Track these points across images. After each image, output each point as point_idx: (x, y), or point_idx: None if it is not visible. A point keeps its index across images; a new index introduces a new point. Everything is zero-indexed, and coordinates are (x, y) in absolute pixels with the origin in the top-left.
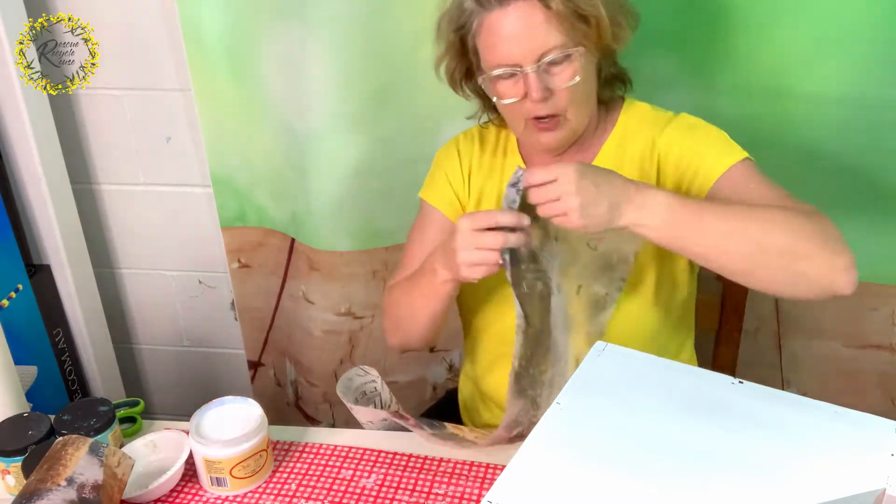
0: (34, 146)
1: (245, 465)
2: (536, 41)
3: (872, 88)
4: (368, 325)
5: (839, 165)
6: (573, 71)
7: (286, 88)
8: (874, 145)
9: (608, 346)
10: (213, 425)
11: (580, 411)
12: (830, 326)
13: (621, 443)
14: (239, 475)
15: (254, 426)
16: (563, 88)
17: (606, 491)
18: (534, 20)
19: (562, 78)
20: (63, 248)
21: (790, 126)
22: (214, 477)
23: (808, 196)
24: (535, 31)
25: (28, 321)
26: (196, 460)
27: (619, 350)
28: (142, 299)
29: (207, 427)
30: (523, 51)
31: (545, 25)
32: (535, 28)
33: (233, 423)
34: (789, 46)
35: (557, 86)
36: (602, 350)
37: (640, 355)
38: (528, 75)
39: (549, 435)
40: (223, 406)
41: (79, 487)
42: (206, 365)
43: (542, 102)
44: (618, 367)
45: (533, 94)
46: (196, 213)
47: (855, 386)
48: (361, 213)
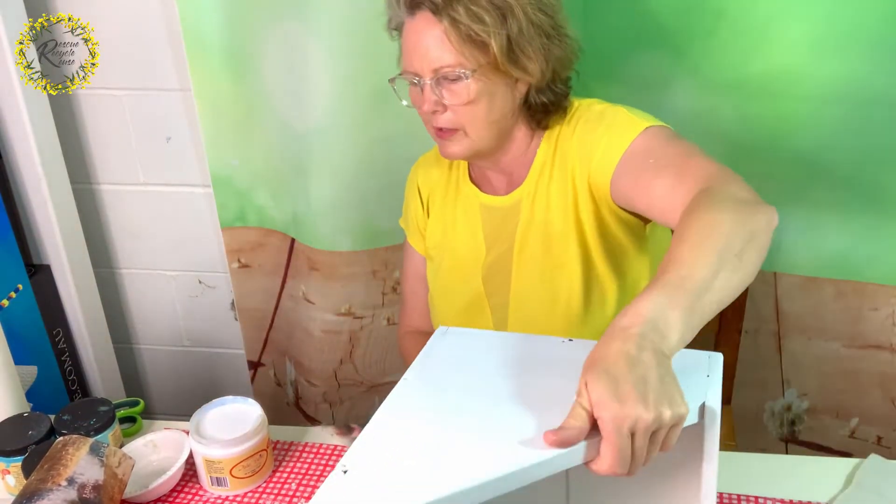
0: (34, 146)
1: (245, 465)
2: (431, 55)
3: (872, 88)
4: (368, 325)
5: (839, 165)
6: (468, 92)
7: (286, 88)
8: (874, 145)
9: (449, 329)
10: (213, 425)
11: (426, 383)
12: (830, 326)
13: (464, 402)
14: (239, 475)
15: (254, 426)
16: (457, 105)
17: (449, 447)
18: (431, 34)
19: (455, 96)
20: (63, 248)
21: (790, 126)
22: (214, 477)
23: (809, 196)
24: (431, 45)
25: (28, 321)
26: (196, 460)
27: (460, 330)
28: (142, 299)
29: (207, 427)
30: (421, 62)
31: (440, 41)
32: (431, 42)
33: (233, 423)
34: (789, 46)
35: (451, 102)
36: (444, 333)
37: (478, 332)
38: (424, 86)
39: (397, 405)
40: (223, 406)
41: (79, 487)
42: (206, 365)
43: (436, 115)
44: (459, 344)
45: (423, 106)
46: (196, 213)
47: (855, 386)
48: (361, 213)
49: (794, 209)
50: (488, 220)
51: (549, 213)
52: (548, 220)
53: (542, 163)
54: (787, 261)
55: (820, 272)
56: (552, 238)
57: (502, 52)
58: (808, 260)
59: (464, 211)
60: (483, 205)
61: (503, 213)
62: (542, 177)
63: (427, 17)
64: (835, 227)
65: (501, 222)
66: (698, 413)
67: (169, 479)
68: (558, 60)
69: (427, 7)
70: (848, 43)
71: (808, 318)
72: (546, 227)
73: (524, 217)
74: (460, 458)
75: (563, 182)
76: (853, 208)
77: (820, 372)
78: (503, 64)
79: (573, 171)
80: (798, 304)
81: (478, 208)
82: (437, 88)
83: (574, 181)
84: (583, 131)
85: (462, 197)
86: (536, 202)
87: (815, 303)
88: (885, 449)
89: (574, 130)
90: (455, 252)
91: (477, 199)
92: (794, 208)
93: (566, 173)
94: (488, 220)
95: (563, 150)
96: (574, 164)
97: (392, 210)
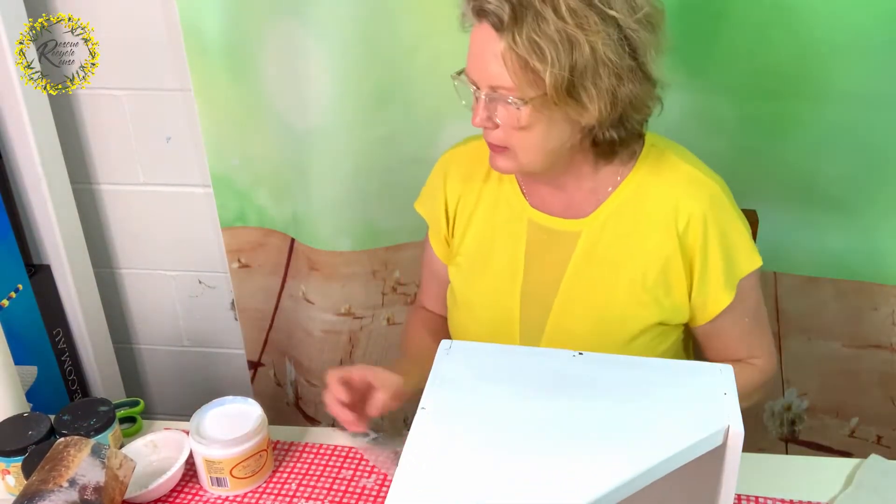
0: (34, 146)
1: (245, 465)
2: (489, 70)
3: (872, 88)
4: (368, 325)
5: (839, 165)
6: (519, 118)
7: (286, 88)
8: (874, 145)
9: (453, 343)
10: (214, 425)
11: (444, 412)
12: (830, 326)
13: (487, 431)
14: (239, 475)
15: (254, 426)
16: (508, 127)
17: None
18: (491, 49)
19: (508, 118)
20: (63, 248)
21: (790, 126)
22: (215, 477)
23: (809, 196)
24: (490, 60)
25: (28, 321)
26: (196, 460)
27: (465, 345)
28: (142, 299)
29: (208, 427)
30: (480, 74)
31: (498, 60)
32: (490, 57)
33: (233, 423)
34: (789, 46)
35: (503, 123)
36: (449, 348)
37: (483, 346)
38: (479, 98)
39: (423, 439)
40: (223, 406)
41: (80, 489)
42: (206, 365)
43: (484, 129)
44: (467, 361)
45: (474, 119)
46: (196, 213)
47: (855, 386)
48: (361, 213)
49: (794, 209)
50: (535, 240)
51: (619, 261)
52: (616, 265)
53: (619, 205)
54: (787, 261)
55: (820, 272)
56: (618, 286)
57: (558, 89)
58: (808, 260)
59: (506, 222)
60: (532, 221)
61: (556, 237)
62: (616, 220)
63: (488, 30)
64: (835, 227)
65: (551, 246)
66: (722, 436)
67: (168, 479)
68: (629, 102)
69: (489, 22)
70: (848, 43)
71: (808, 318)
72: (613, 272)
73: (582, 250)
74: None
75: (647, 240)
76: (853, 208)
77: (820, 372)
78: (558, 100)
79: (671, 248)
80: (798, 304)
81: (525, 223)
82: (490, 104)
83: (668, 259)
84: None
85: (505, 205)
86: (603, 242)
87: (815, 303)
88: (885, 448)
89: (669, 194)
90: (490, 266)
91: (525, 213)
92: (794, 208)
93: (654, 234)
94: (535, 239)
95: (651, 206)
96: (673, 248)
97: (392, 210)
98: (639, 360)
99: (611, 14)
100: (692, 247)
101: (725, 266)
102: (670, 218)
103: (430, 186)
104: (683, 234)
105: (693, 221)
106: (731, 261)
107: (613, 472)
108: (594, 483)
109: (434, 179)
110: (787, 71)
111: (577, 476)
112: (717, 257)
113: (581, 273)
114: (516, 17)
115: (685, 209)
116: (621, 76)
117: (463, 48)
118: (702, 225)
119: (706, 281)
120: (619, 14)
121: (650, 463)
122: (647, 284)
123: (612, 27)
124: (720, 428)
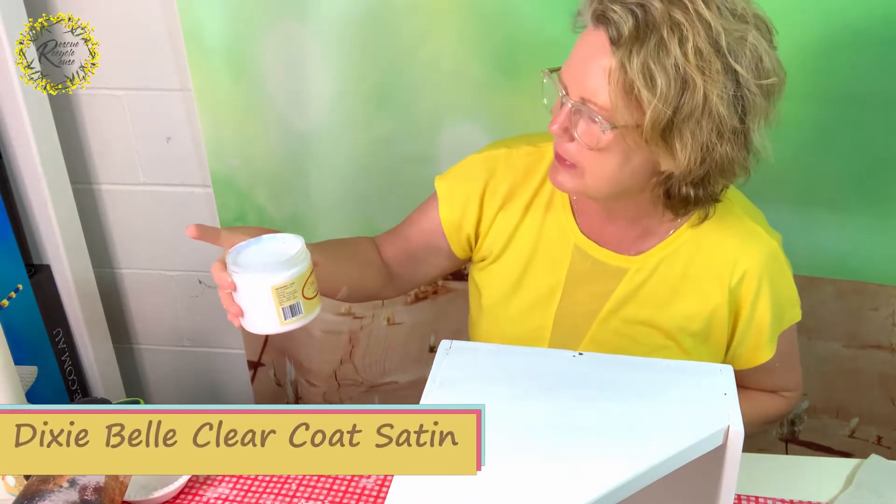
0: (34, 146)
1: (311, 281)
2: (586, 81)
3: (872, 88)
4: (368, 325)
5: (839, 165)
6: (598, 139)
7: (286, 88)
8: (874, 145)
9: (453, 343)
10: (261, 258)
11: None
12: (830, 326)
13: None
14: (309, 294)
15: (299, 243)
16: (584, 145)
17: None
18: (596, 61)
19: (587, 136)
20: (63, 248)
21: (790, 126)
22: (288, 306)
23: (809, 196)
24: (591, 71)
25: (28, 321)
26: (258, 301)
27: (463, 345)
28: (142, 299)
29: (254, 261)
30: (574, 80)
31: (601, 74)
32: (594, 68)
33: (276, 249)
34: (789, 46)
35: (581, 138)
36: (448, 348)
37: (483, 346)
38: (565, 105)
39: None
40: (259, 244)
41: (81, 489)
42: (206, 365)
43: (559, 139)
44: (467, 361)
45: (552, 125)
46: (196, 213)
47: (855, 386)
48: (361, 213)
49: (794, 209)
50: (578, 267)
51: (663, 305)
52: (659, 309)
53: (674, 250)
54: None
55: (820, 272)
56: (656, 331)
57: (654, 126)
58: (808, 260)
59: (552, 242)
60: (578, 247)
61: (601, 268)
62: (667, 264)
63: (602, 40)
64: (835, 227)
65: (594, 277)
66: (722, 436)
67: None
68: (720, 163)
69: (607, 32)
70: (848, 43)
71: (808, 319)
72: (655, 315)
73: (626, 289)
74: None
75: (696, 289)
76: (853, 208)
77: (820, 372)
78: (649, 137)
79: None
80: None
81: (570, 248)
82: (574, 116)
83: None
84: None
85: (554, 225)
86: (650, 284)
87: (815, 303)
88: (886, 449)
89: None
90: (527, 282)
91: (573, 237)
92: (794, 208)
93: (705, 285)
94: (578, 266)
95: (706, 256)
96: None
97: (392, 210)
98: (639, 360)
99: (735, 68)
100: (742, 302)
101: (772, 324)
102: (725, 271)
103: (468, 174)
104: (735, 288)
105: (748, 277)
106: (778, 319)
107: (613, 472)
108: (594, 483)
109: (475, 169)
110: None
111: (577, 476)
112: (766, 316)
113: (620, 310)
114: (638, 36)
115: (741, 264)
116: (723, 134)
117: (463, 48)
118: (756, 282)
119: (748, 336)
120: (743, 71)
121: (650, 463)
122: (686, 332)
123: (731, 81)
124: (720, 428)
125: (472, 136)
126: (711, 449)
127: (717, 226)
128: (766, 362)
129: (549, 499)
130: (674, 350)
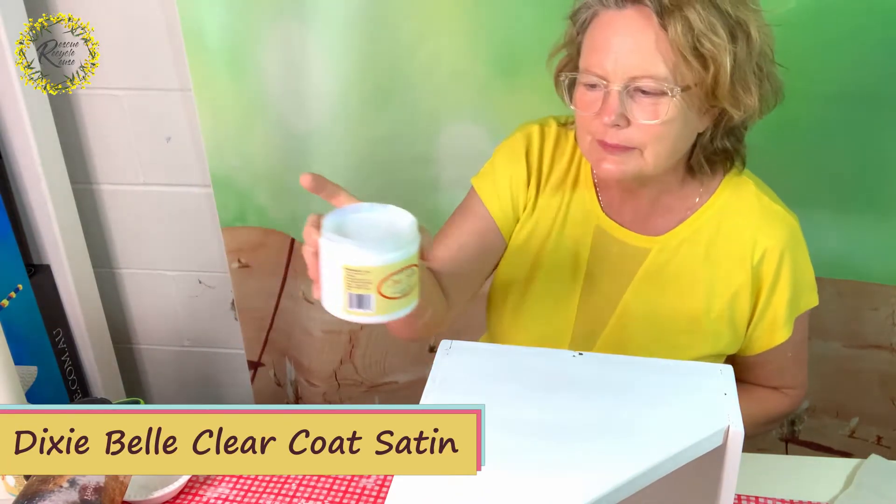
0: (34, 146)
1: (396, 279)
2: (631, 60)
3: (872, 88)
4: (368, 326)
5: (839, 165)
6: (661, 111)
7: (286, 88)
8: (874, 145)
9: (453, 343)
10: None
11: None
12: (830, 326)
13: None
14: (388, 293)
15: (409, 231)
16: (646, 123)
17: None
18: (642, 37)
19: (645, 112)
20: (63, 248)
21: (790, 126)
22: (356, 294)
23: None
24: (639, 49)
25: (28, 321)
26: (330, 275)
27: (464, 345)
28: (142, 299)
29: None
30: (616, 65)
31: (652, 48)
32: (639, 46)
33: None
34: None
35: (637, 118)
36: (448, 348)
37: (483, 346)
38: (610, 93)
39: None
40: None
41: (81, 489)
42: (206, 365)
43: (613, 128)
44: (467, 361)
45: (605, 117)
46: (196, 213)
47: (855, 386)
48: None
49: (794, 209)
50: (600, 248)
51: (686, 286)
52: (682, 290)
53: (696, 230)
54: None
55: (820, 272)
56: (679, 312)
57: (724, 76)
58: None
59: (574, 224)
60: (600, 228)
61: (623, 249)
62: (690, 244)
63: (643, 15)
64: (835, 227)
65: (617, 258)
66: (722, 436)
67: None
68: (764, 100)
69: (649, 4)
70: (848, 43)
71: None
72: (678, 297)
73: (649, 269)
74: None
75: (718, 269)
76: (853, 208)
77: (820, 372)
78: (723, 89)
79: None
80: None
81: (592, 229)
82: (626, 100)
83: (738, 291)
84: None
85: (578, 206)
86: (672, 265)
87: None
88: (886, 449)
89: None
90: (548, 265)
91: (595, 218)
92: (794, 208)
93: (727, 264)
94: (600, 247)
95: (727, 235)
96: (745, 280)
97: None
98: (639, 361)
99: (755, 8)
100: (763, 280)
101: (790, 303)
102: (746, 250)
103: (508, 157)
104: (757, 267)
105: (769, 255)
106: (796, 299)
107: (613, 472)
108: (594, 483)
109: (513, 151)
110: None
111: (577, 476)
112: (785, 294)
113: (643, 292)
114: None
115: (762, 242)
116: (761, 69)
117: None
118: (777, 260)
119: (766, 315)
120: (759, 9)
121: (650, 463)
122: (711, 316)
123: (759, 16)
124: (720, 428)
125: (472, 136)
126: (711, 449)
127: (736, 206)
128: (780, 345)
129: (549, 499)
130: (696, 334)
